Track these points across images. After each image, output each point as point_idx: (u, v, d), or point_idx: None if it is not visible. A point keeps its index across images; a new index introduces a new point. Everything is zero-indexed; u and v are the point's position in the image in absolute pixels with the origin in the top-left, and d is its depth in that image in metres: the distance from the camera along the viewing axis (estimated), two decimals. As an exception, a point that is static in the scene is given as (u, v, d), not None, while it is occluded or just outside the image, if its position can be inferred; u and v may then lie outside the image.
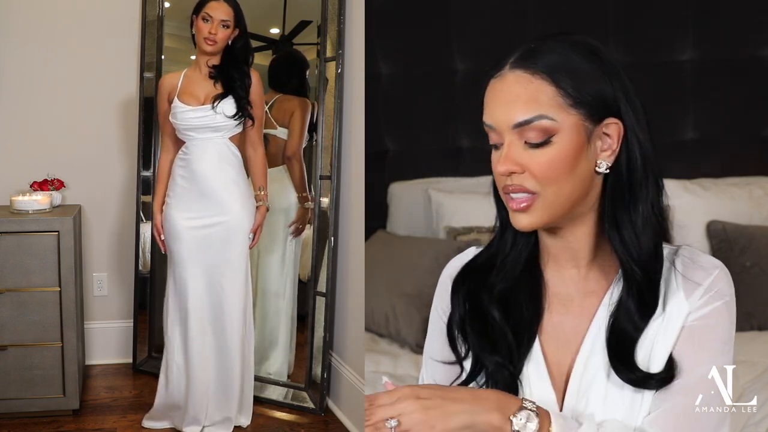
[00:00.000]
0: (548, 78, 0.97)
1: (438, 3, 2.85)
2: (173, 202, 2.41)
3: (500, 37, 2.77)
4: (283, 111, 2.90)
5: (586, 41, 1.01)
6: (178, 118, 2.35)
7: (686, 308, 1.01)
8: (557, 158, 0.97)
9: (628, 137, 1.00)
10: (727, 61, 2.80)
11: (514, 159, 0.98)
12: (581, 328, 1.05)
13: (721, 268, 1.03)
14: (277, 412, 2.76)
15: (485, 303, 1.08)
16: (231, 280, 2.40)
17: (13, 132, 3.09)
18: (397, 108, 2.90)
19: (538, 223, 1.00)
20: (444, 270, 1.20)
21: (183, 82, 2.41)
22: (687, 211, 2.64)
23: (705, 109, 2.85)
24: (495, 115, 0.99)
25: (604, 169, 1.00)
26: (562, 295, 1.08)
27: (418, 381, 1.22)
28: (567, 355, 1.06)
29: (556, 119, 0.96)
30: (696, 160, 2.85)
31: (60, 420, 2.62)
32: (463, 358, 1.11)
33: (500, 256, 1.10)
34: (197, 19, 2.36)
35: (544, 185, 0.97)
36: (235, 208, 2.40)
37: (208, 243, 2.38)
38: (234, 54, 2.40)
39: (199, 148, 2.36)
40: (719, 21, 2.77)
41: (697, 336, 1.00)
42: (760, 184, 2.78)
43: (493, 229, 1.13)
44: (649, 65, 2.79)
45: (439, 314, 1.18)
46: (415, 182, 2.94)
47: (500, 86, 0.99)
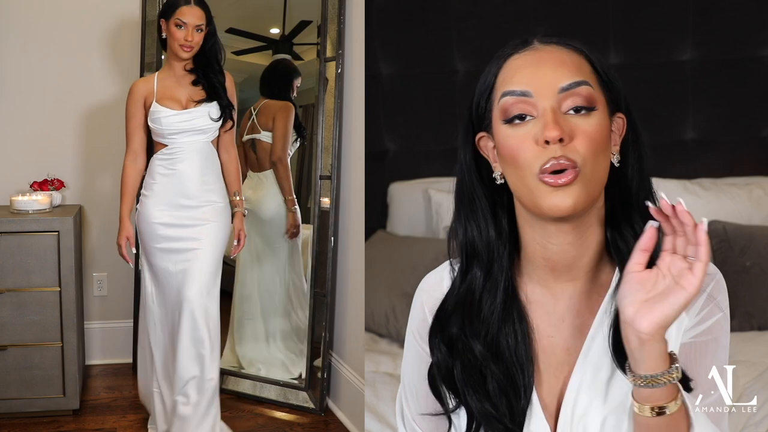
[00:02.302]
0: (584, 55, 0.97)
1: (438, 3, 2.85)
2: (150, 200, 2.34)
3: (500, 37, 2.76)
4: (266, 115, 2.93)
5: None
6: (162, 123, 2.31)
7: (685, 321, 0.97)
8: (599, 130, 0.93)
9: (634, 134, 0.99)
10: (727, 61, 2.80)
11: (562, 125, 0.91)
12: (575, 347, 1.00)
13: (718, 277, 1.00)
14: (277, 412, 2.76)
15: (477, 355, 1.00)
16: (195, 292, 2.28)
17: (13, 132, 3.09)
18: (397, 108, 2.90)
19: (578, 203, 0.91)
20: (417, 294, 1.12)
21: (159, 88, 2.35)
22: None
23: (705, 109, 2.84)
24: (534, 80, 0.94)
25: (616, 162, 0.97)
26: (552, 315, 1.02)
27: (398, 406, 1.15)
28: (558, 378, 1.01)
29: (595, 92, 0.94)
30: (696, 160, 2.84)
31: (60, 420, 2.62)
32: (452, 411, 1.04)
33: (476, 292, 1.02)
34: (169, 24, 2.30)
35: (585, 159, 0.91)
36: (207, 225, 2.33)
37: (175, 250, 2.32)
38: (206, 54, 2.36)
39: (183, 148, 2.32)
40: (719, 21, 2.77)
41: (702, 353, 0.97)
42: (760, 184, 2.78)
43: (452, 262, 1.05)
44: (649, 65, 2.79)
45: (418, 343, 1.10)
46: (415, 182, 2.94)
47: (538, 55, 0.96)
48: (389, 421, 2.12)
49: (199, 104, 2.33)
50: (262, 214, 2.96)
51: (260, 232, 2.97)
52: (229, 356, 3.01)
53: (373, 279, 2.54)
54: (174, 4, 2.30)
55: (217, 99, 2.34)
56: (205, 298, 2.27)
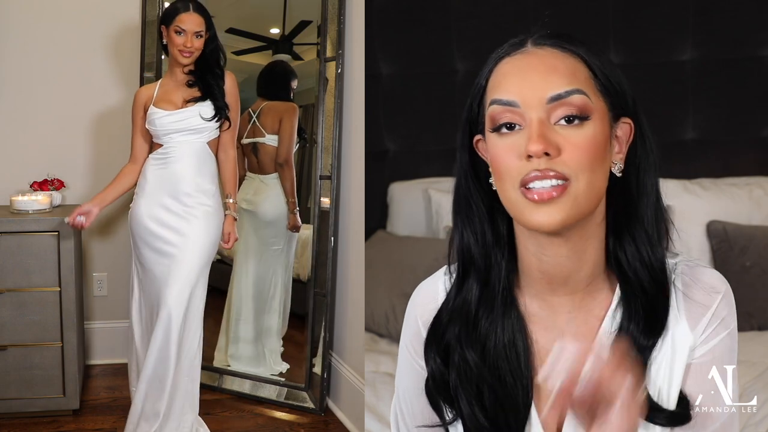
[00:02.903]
0: (581, 58, 0.89)
1: (438, 3, 2.85)
2: (141, 199, 2.35)
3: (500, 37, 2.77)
4: (271, 118, 2.92)
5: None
6: (156, 123, 2.32)
7: (691, 340, 0.92)
8: (593, 141, 0.86)
9: (641, 139, 0.93)
10: (727, 61, 2.80)
11: (548, 138, 0.85)
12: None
13: (726, 290, 0.94)
14: (277, 412, 2.76)
15: (473, 366, 0.95)
16: (175, 295, 2.26)
17: (13, 132, 3.09)
18: (397, 108, 2.90)
19: (563, 220, 0.85)
20: (410, 306, 1.07)
21: (159, 92, 2.38)
22: (687, 211, 2.64)
23: (705, 109, 2.84)
24: (521, 89, 0.87)
25: (618, 171, 0.91)
26: (552, 331, 0.96)
27: (392, 416, 1.13)
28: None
29: (591, 99, 0.87)
30: (696, 160, 2.84)
31: (60, 420, 2.62)
32: (449, 423, 0.99)
33: (472, 304, 0.97)
34: (169, 31, 2.32)
35: (577, 172, 0.85)
36: (195, 229, 2.31)
37: (161, 251, 2.32)
38: (206, 58, 2.37)
39: (177, 148, 2.32)
40: (719, 21, 2.77)
41: (707, 373, 0.92)
42: (760, 184, 2.78)
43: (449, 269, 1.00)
44: (649, 65, 2.79)
45: (413, 357, 1.05)
46: (415, 182, 2.94)
47: (527, 60, 0.89)
48: (389, 421, 2.12)
49: (190, 104, 2.32)
50: (261, 216, 2.96)
51: (258, 234, 2.97)
52: (222, 356, 3.01)
53: (373, 279, 2.54)
54: (173, 12, 2.32)
55: (211, 99, 2.34)
56: (185, 302, 2.26)
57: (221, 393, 2.92)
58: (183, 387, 2.32)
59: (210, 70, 2.37)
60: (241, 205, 2.98)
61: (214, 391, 2.91)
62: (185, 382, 2.32)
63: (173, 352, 2.25)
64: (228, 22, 3.05)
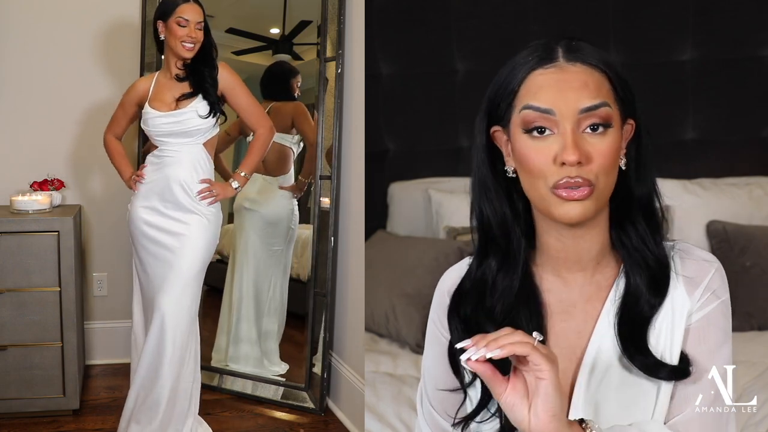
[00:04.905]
0: (604, 72, 1.01)
1: (438, 3, 2.85)
2: (137, 200, 2.35)
3: (500, 37, 2.77)
4: (281, 117, 2.92)
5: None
6: (150, 124, 2.30)
7: (688, 304, 1.04)
8: (613, 147, 0.99)
9: (641, 137, 1.04)
10: (727, 61, 2.80)
11: (581, 147, 0.98)
12: (586, 331, 1.06)
13: (717, 268, 1.06)
14: (277, 412, 2.76)
15: (486, 329, 1.04)
16: (168, 301, 2.25)
17: (13, 132, 3.09)
18: (397, 108, 2.90)
19: (589, 213, 0.99)
20: (439, 284, 1.19)
21: (153, 89, 2.36)
22: (687, 211, 2.64)
23: (705, 109, 2.85)
24: (556, 100, 0.99)
25: (623, 165, 1.03)
26: (565, 301, 1.08)
27: (418, 392, 1.21)
28: (572, 361, 1.06)
29: (612, 109, 1.00)
30: (696, 160, 2.84)
31: (60, 420, 2.62)
32: (468, 385, 1.10)
33: (489, 276, 1.09)
34: (170, 24, 2.28)
35: (599, 176, 0.98)
36: (191, 236, 2.29)
37: (155, 255, 2.30)
38: (203, 50, 2.33)
39: (171, 153, 2.30)
40: (719, 21, 2.77)
41: (703, 335, 1.03)
42: (760, 184, 2.78)
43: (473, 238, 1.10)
44: (649, 65, 2.79)
45: (438, 329, 1.17)
46: (415, 182, 2.94)
47: (561, 74, 1.00)
48: (389, 421, 2.12)
49: (183, 102, 2.29)
50: (264, 216, 2.96)
51: (260, 234, 2.97)
52: (221, 356, 3.01)
53: (373, 279, 2.54)
54: (173, 4, 2.29)
55: (203, 94, 2.30)
56: (179, 308, 2.25)
57: (221, 393, 2.93)
58: (182, 389, 2.31)
59: (206, 62, 2.34)
60: (243, 205, 2.98)
61: (214, 391, 2.91)
62: (183, 384, 2.31)
63: (167, 357, 2.23)
64: (228, 22, 3.05)
